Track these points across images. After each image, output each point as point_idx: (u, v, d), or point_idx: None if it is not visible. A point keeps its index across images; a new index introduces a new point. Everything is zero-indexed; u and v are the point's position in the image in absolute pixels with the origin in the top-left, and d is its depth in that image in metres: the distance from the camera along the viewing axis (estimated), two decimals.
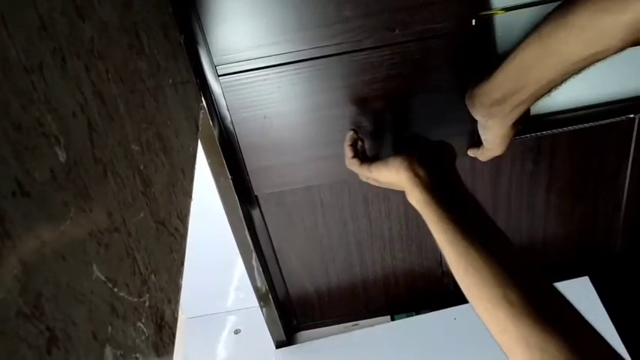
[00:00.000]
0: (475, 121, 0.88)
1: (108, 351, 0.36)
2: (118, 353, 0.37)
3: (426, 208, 0.68)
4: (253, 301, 1.16)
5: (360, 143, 0.87)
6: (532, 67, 0.72)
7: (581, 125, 0.94)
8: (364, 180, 0.86)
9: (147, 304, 0.45)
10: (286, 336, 1.22)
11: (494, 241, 0.63)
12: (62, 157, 0.35)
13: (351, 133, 0.87)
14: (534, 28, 0.71)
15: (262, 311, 1.17)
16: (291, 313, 1.23)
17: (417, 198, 0.70)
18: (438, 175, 0.72)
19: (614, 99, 0.94)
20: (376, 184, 0.83)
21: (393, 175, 0.75)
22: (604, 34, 0.63)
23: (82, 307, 0.34)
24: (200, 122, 0.80)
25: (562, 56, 0.68)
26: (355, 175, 0.87)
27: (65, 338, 0.31)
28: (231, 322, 1.33)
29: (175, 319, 0.51)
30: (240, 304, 1.34)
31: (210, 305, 1.34)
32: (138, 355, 0.41)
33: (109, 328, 0.37)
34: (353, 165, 0.85)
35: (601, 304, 1.11)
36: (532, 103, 0.78)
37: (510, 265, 0.59)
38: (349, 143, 0.86)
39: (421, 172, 0.72)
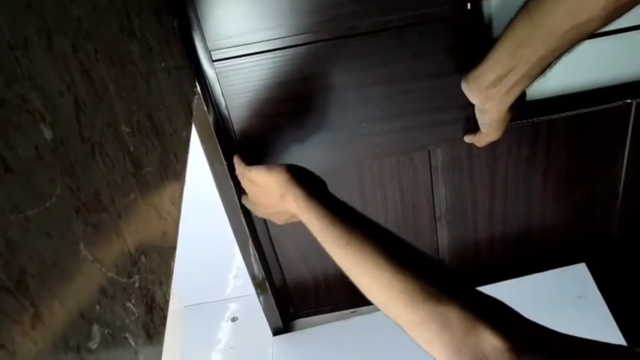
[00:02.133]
0: (472, 107, 0.88)
1: (95, 329, 0.36)
2: (107, 332, 0.37)
3: (305, 205, 0.70)
4: (250, 288, 1.16)
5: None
6: (522, 44, 0.73)
7: (577, 110, 0.94)
8: (240, 178, 0.87)
9: (137, 284, 0.45)
10: (283, 323, 1.22)
11: (379, 232, 0.65)
12: (48, 134, 0.35)
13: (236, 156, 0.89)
14: (523, 5, 0.72)
15: (259, 299, 1.17)
16: (289, 300, 1.24)
17: (295, 194, 0.72)
18: (316, 184, 0.74)
19: (610, 84, 0.94)
20: (247, 189, 0.85)
21: (272, 177, 0.76)
22: (586, 2, 0.64)
23: (68, 286, 0.34)
24: (194, 107, 0.80)
25: (549, 28, 0.69)
26: (353, 162, 0.87)
27: (51, 315, 0.31)
28: (228, 309, 1.33)
29: (167, 302, 0.51)
30: (238, 292, 1.34)
31: (207, 293, 1.35)
32: (127, 334, 0.41)
33: (97, 307, 0.37)
34: (236, 162, 0.86)
35: (598, 291, 1.11)
36: (527, 85, 0.78)
37: (400, 250, 0.61)
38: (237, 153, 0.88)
39: (302, 176, 0.74)
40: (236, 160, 0.87)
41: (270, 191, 0.78)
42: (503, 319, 0.53)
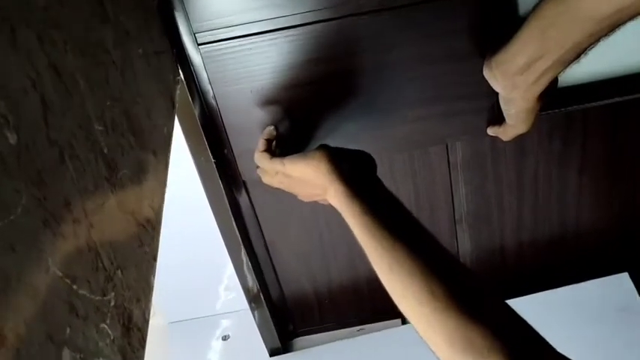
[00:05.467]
0: (495, 95, 0.89)
1: (66, 354, 0.37)
2: (78, 357, 0.39)
3: (347, 201, 0.72)
4: (243, 302, 1.18)
5: (274, 142, 0.90)
6: (553, 27, 0.73)
7: (617, 98, 0.95)
8: (266, 181, 0.88)
9: (112, 303, 0.46)
10: (281, 342, 1.24)
11: (418, 236, 0.69)
12: (12, 139, 0.37)
13: (271, 129, 0.91)
14: None
15: (254, 314, 1.18)
16: (287, 316, 1.25)
17: (337, 189, 0.74)
18: (359, 173, 0.77)
19: None
20: (282, 185, 0.86)
21: (311, 168, 0.78)
22: None
23: (35, 305, 0.35)
24: (177, 98, 0.81)
25: (583, 13, 0.69)
26: None
27: (15, 338, 0.33)
28: (218, 326, 1.35)
29: (146, 321, 0.53)
30: (229, 307, 1.36)
31: (194, 308, 1.36)
32: (101, 359, 0.42)
33: (68, 329, 0.39)
34: (262, 159, 0.87)
35: None
36: (559, 72, 0.79)
37: (435, 259, 0.64)
38: (265, 137, 0.89)
39: (343, 165, 0.76)
40: (262, 155, 0.87)
41: (310, 182, 0.80)
42: (531, 353, 0.56)
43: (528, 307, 0.60)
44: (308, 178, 0.80)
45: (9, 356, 0.32)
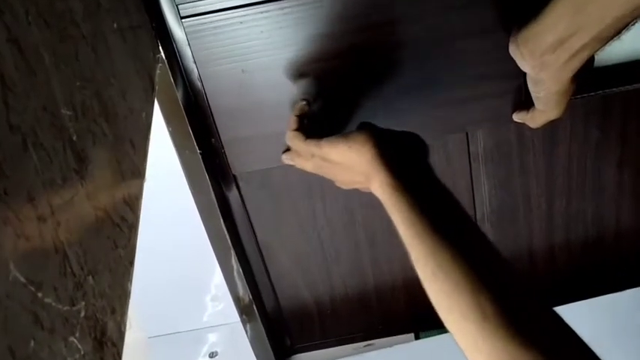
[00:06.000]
0: (523, 75, 0.88)
1: None
2: None
3: (393, 194, 0.72)
4: (234, 314, 1.18)
5: (306, 120, 0.89)
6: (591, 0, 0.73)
7: None
8: (299, 165, 0.89)
9: (82, 314, 0.46)
10: None
11: (470, 240, 0.67)
12: None
13: (303, 103, 0.90)
14: None
15: (245, 328, 1.19)
16: (283, 329, 1.25)
17: (381, 181, 0.73)
18: (408, 160, 0.76)
19: None
20: (319, 170, 0.86)
21: (353, 152, 0.77)
22: None
23: None
24: (157, 79, 0.81)
25: None
26: None
27: None
28: (205, 342, 1.35)
29: (122, 334, 0.53)
30: (217, 319, 1.36)
31: (178, 321, 1.36)
32: None
33: (32, 343, 0.38)
34: (295, 139, 0.87)
35: None
36: (596, 50, 0.79)
37: (486, 270, 0.63)
38: (297, 114, 0.89)
39: (390, 152, 0.75)
40: (295, 134, 0.87)
41: (352, 168, 0.79)
42: None
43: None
44: (349, 164, 0.79)
45: None
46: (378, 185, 0.74)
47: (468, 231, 0.69)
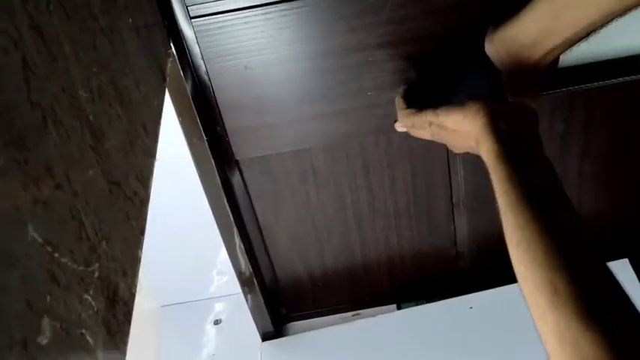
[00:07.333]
0: (498, 72, 0.88)
1: (46, 323, 0.37)
2: (59, 326, 0.38)
3: (496, 162, 0.70)
4: (236, 286, 1.18)
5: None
6: (570, 7, 0.72)
7: (622, 78, 0.94)
8: (417, 134, 0.89)
9: (96, 274, 0.45)
10: (274, 327, 1.24)
11: (558, 218, 0.65)
12: None
13: (406, 87, 0.93)
14: None
15: (246, 298, 1.18)
16: (280, 300, 1.25)
17: (489, 149, 0.72)
18: (518, 132, 0.73)
19: None
20: (435, 136, 0.85)
21: (467, 121, 0.76)
22: None
23: (13, 272, 0.35)
24: (168, 72, 0.80)
25: None
26: (356, 137, 0.87)
27: None
28: (211, 311, 1.35)
29: (132, 295, 0.52)
30: (222, 291, 1.36)
31: (186, 291, 1.36)
32: (84, 330, 0.42)
33: (48, 298, 0.38)
34: (410, 115, 0.88)
35: None
36: (565, 50, 0.78)
37: (567, 249, 0.61)
38: (402, 96, 0.91)
39: (501, 123, 0.73)
40: (408, 112, 0.88)
41: (465, 135, 0.78)
42: None
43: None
44: (463, 131, 0.78)
45: None
46: (485, 152, 0.72)
47: (559, 209, 0.66)
